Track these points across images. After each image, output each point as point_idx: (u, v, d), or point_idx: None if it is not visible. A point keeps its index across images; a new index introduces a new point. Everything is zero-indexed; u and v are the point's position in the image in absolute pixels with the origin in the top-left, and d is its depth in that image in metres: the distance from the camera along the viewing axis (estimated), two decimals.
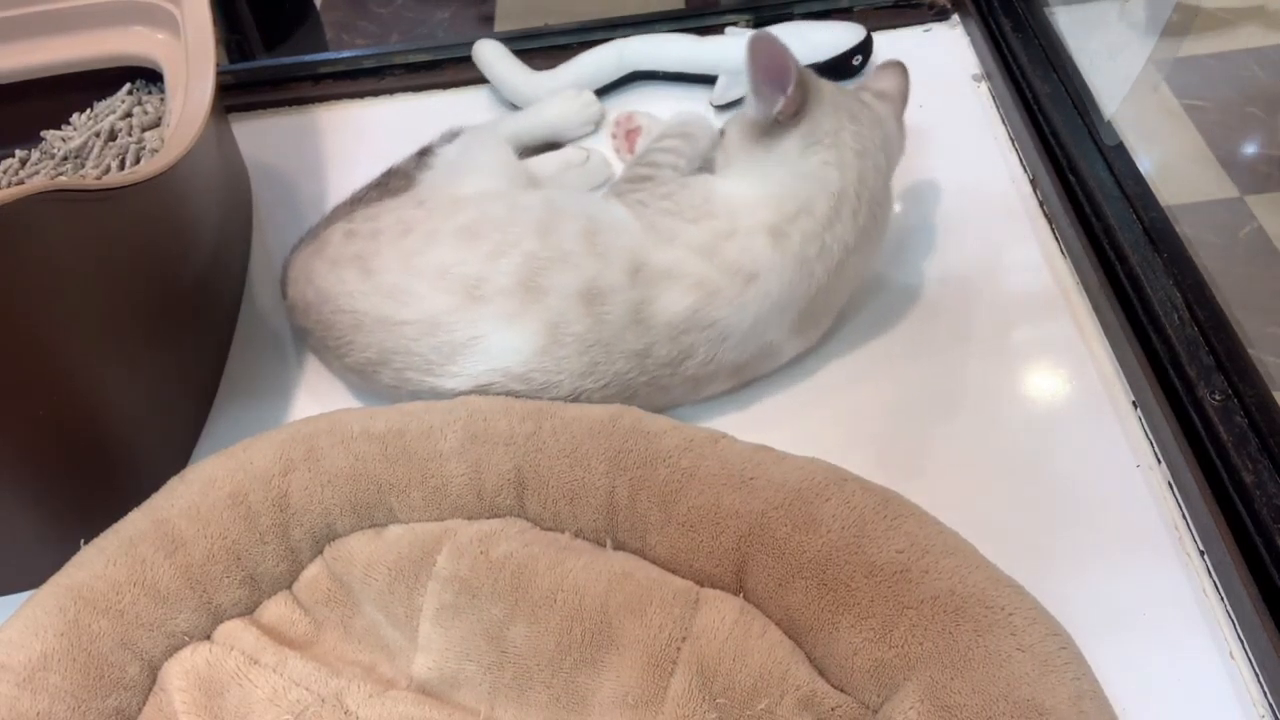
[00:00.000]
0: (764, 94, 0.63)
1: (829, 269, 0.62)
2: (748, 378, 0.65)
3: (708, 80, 0.87)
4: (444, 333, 0.60)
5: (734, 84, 0.86)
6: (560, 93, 0.85)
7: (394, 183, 0.76)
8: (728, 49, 0.86)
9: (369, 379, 0.64)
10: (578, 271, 0.60)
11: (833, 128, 0.63)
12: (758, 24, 0.92)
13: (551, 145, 0.83)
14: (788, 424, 0.65)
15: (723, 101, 0.86)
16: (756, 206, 0.62)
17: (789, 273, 0.61)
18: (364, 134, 0.89)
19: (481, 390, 0.60)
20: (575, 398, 0.60)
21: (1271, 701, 0.51)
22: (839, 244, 0.62)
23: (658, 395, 0.62)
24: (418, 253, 0.62)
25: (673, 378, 0.61)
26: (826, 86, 0.65)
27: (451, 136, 0.78)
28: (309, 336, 0.68)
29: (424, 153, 0.77)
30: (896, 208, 0.78)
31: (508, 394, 0.60)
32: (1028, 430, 0.63)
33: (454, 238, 0.62)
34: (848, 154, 0.63)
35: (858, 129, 0.64)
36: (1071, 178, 0.74)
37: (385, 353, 0.62)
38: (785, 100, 0.62)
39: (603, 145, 0.83)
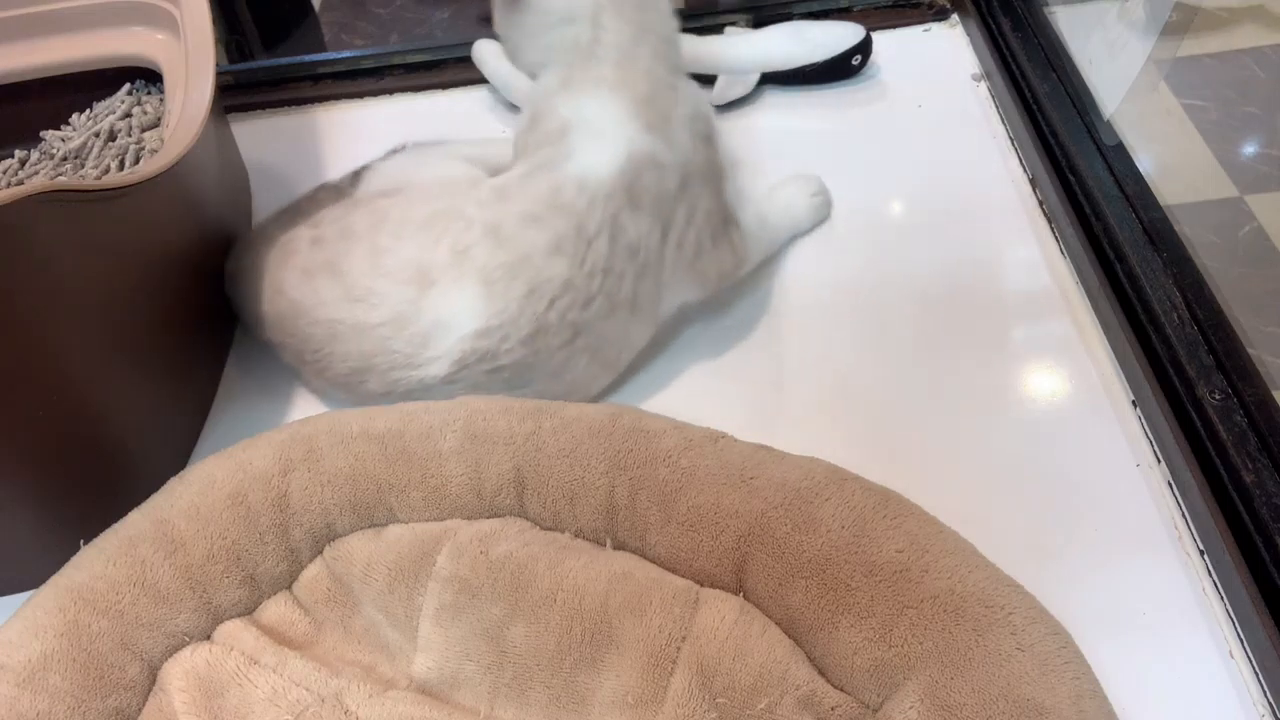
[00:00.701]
0: None
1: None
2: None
3: (707, 80, 0.87)
4: (411, 325, 0.60)
5: (734, 83, 0.86)
6: None
7: (321, 194, 0.75)
8: (726, 49, 0.86)
9: (353, 390, 0.64)
10: (481, 221, 0.61)
11: None
12: (757, 23, 0.92)
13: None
14: (787, 423, 0.65)
15: (723, 101, 0.86)
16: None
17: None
18: (363, 134, 0.89)
19: (459, 364, 0.60)
20: (537, 330, 0.60)
21: (1271, 701, 0.51)
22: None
23: (614, 290, 0.61)
24: (387, 249, 0.63)
25: (609, 259, 0.60)
26: None
27: (392, 155, 0.79)
28: (280, 350, 0.67)
29: (361, 170, 0.78)
30: (895, 207, 0.78)
31: (480, 356, 0.60)
32: (1027, 429, 0.63)
33: (418, 229, 0.63)
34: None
35: None
36: (1071, 177, 0.74)
37: (366, 356, 0.62)
38: None
39: None
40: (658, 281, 0.64)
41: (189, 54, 0.69)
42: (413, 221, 0.64)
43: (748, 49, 0.86)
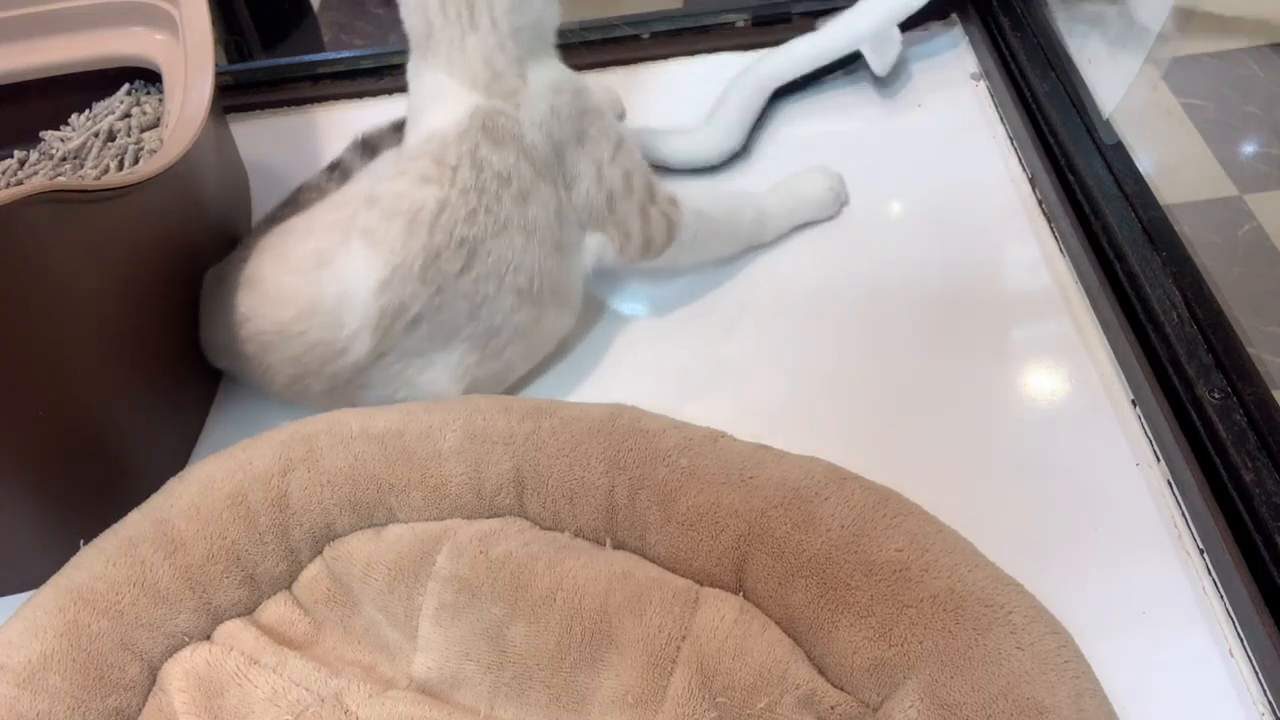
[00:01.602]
0: None
1: None
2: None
3: (845, 65, 0.85)
4: (320, 308, 0.60)
5: (878, 48, 0.84)
6: None
7: (332, 186, 0.76)
8: (849, 23, 0.83)
9: (305, 398, 0.64)
10: (358, 196, 0.63)
11: None
12: (755, 23, 0.92)
13: None
14: (787, 422, 0.65)
15: (887, 71, 0.84)
16: None
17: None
18: None
19: (379, 329, 0.60)
20: (430, 258, 0.60)
21: (1271, 699, 0.51)
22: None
23: (494, 208, 0.62)
24: (289, 251, 0.64)
25: (478, 179, 0.61)
26: None
27: (364, 149, 0.80)
28: (238, 374, 0.67)
29: (334, 166, 0.79)
30: (895, 206, 0.78)
31: (394, 312, 0.60)
32: (1027, 428, 0.63)
33: (323, 229, 0.64)
34: None
35: None
36: (1070, 177, 0.74)
37: (298, 360, 0.62)
38: None
39: None
40: (546, 209, 0.63)
41: (188, 54, 0.69)
42: (320, 222, 0.65)
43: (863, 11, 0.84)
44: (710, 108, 0.83)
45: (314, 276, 0.61)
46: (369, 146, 0.79)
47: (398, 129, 0.79)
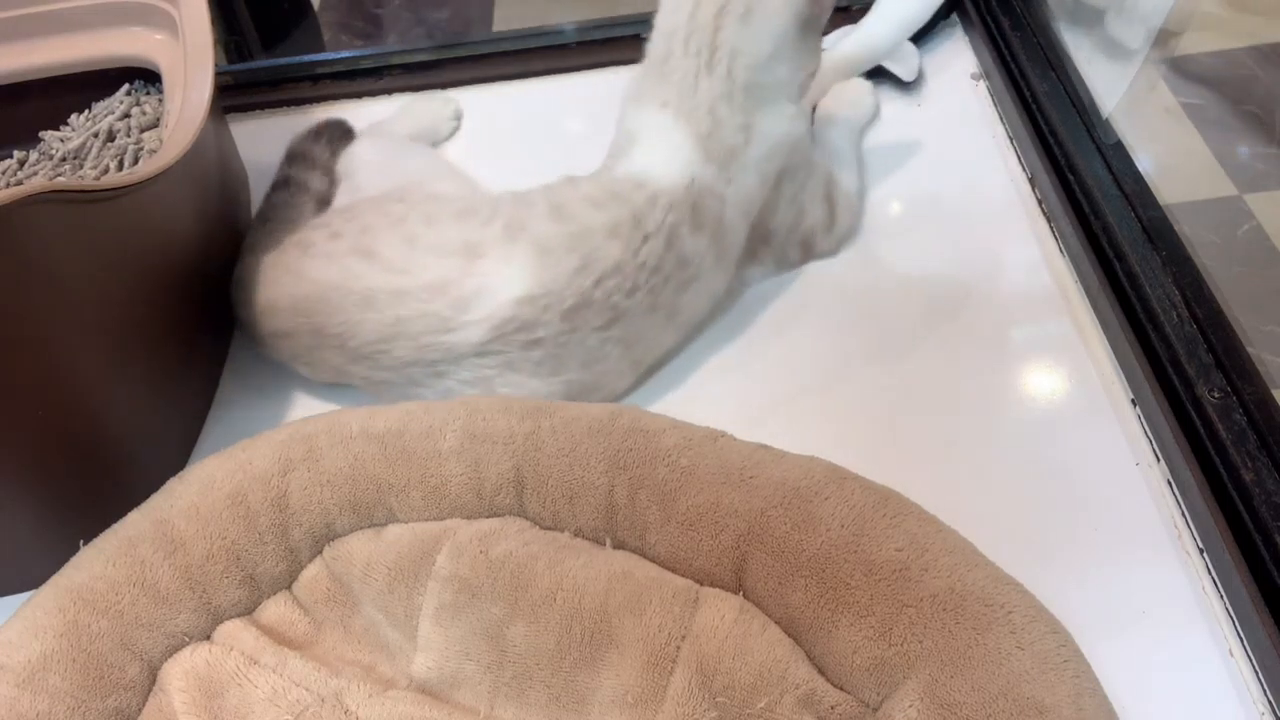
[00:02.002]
0: None
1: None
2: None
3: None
4: (454, 289, 0.61)
5: (900, 61, 0.85)
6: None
7: (298, 199, 0.76)
8: (866, 44, 0.84)
9: (375, 361, 0.63)
10: (546, 201, 0.64)
11: None
12: None
13: None
14: (787, 422, 0.65)
15: (914, 75, 0.85)
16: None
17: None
18: None
19: (496, 331, 0.60)
20: (580, 305, 0.61)
21: (1271, 699, 0.51)
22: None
23: (658, 287, 0.63)
24: (420, 236, 0.64)
25: (660, 259, 0.62)
26: None
27: (329, 139, 0.81)
28: (287, 340, 0.66)
29: (305, 160, 0.79)
30: (895, 206, 0.78)
31: (518, 326, 0.61)
32: (1026, 428, 0.63)
33: (452, 218, 0.65)
34: None
35: None
36: (1070, 176, 0.74)
37: (400, 323, 0.61)
38: None
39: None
40: (701, 295, 0.66)
41: (188, 54, 0.69)
42: (444, 213, 0.65)
43: (879, 28, 0.85)
44: None
45: (461, 263, 0.61)
46: (298, 156, 0.80)
47: (318, 136, 0.81)
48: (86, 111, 0.80)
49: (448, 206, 0.66)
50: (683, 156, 0.63)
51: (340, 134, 0.83)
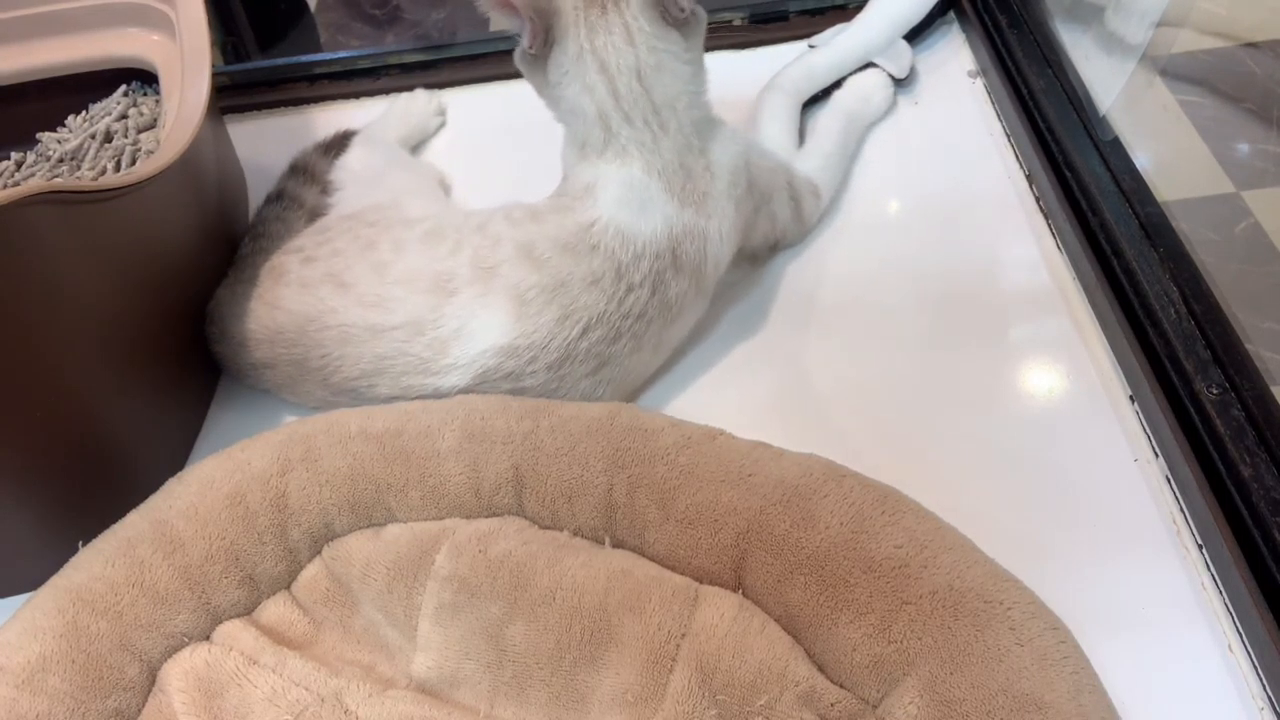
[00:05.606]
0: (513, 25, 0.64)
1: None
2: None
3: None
4: (431, 330, 0.60)
5: (893, 58, 0.86)
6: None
7: (290, 214, 0.76)
8: (861, 40, 0.85)
9: (360, 396, 0.63)
10: (512, 239, 0.62)
11: (575, 51, 0.62)
12: (752, 21, 0.92)
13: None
14: (785, 420, 0.65)
15: (905, 73, 0.86)
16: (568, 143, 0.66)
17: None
18: None
19: (480, 378, 0.60)
20: (565, 357, 0.60)
21: (1270, 695, 0.51)
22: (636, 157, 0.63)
23: (642, 332, 0.63)
24: (389, 264, 0.63)
25: (645, 306, 0.62)
26: (567, 5, 0.62)
27: (336, 153, 0.81)
28: (269, 371, 0.66)
29: (306, 173, 0.79)
30: (892, 204, 0.78)
31: (503, 375, 0.60)
32: (1025, 425, 0.63)
33: (419, 243, 0.64)
34: (591, 76, 0.62)
35: (602, 41, 0.61)
36: (1068, 173, 0.74)
37: (381, 360, 0.61)
38: (526, 32, 0.63)
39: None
40: (685, 326, 0.67)
41: (185, 55, 0.69)
42: (410, 239, 0.65)
43: (871, 25, 0.86)
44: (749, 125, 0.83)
45: (434, 300, 0.61)
46: (299, 169, 0.80)
47: (327, 150, 0.81)
48: (84, 113, 0.80)
49: (415, 230, 0.65)
50: (660, 211, 0.62)
51: (346, 146, 0.83)
